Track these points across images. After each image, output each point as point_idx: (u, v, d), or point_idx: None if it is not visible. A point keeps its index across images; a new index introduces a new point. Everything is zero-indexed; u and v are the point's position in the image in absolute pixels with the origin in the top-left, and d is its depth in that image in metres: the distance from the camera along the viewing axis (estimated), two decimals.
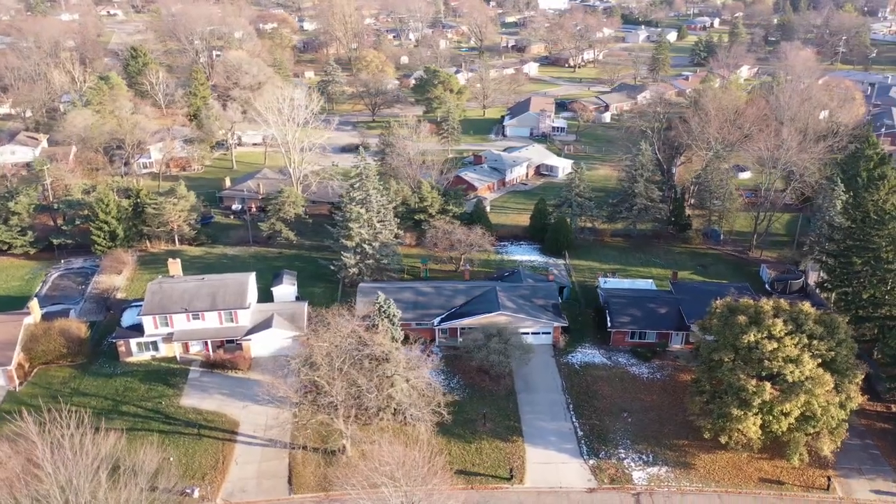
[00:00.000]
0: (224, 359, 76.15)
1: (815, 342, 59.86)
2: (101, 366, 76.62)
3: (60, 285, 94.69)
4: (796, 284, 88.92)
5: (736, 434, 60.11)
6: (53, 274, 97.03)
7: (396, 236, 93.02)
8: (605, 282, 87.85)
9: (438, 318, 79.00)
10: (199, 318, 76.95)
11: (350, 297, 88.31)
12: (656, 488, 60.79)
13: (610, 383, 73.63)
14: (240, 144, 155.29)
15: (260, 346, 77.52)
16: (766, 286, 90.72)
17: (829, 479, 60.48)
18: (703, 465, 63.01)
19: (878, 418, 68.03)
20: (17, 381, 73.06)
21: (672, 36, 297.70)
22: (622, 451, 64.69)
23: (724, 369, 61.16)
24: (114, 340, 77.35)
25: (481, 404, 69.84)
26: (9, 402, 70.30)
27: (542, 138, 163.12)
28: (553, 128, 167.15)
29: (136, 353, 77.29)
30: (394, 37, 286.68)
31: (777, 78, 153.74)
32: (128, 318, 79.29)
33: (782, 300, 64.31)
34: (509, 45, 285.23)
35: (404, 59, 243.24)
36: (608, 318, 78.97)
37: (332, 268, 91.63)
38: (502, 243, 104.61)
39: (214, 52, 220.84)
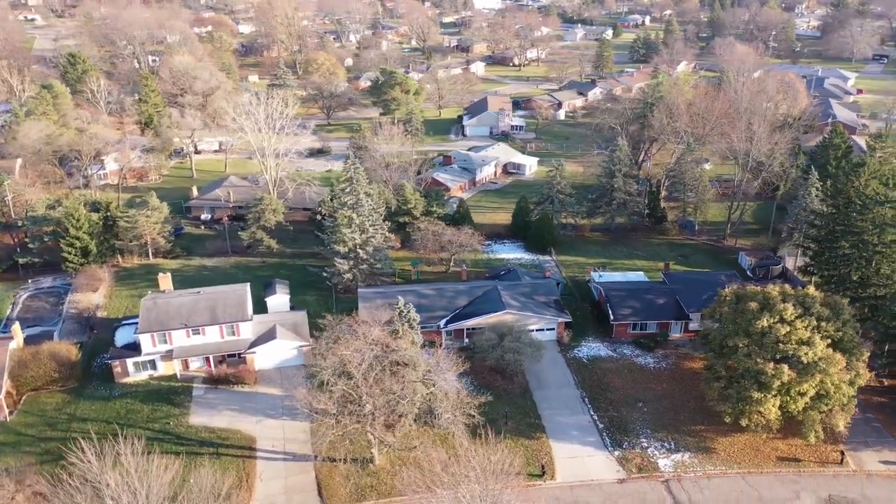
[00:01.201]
0: (228, 373, 73.75)
1: (822, 324, 62.74)
2: (95, 389, 72.97)
3: (32, 306, 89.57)
4: (776, 270, 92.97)
5: (756, 416, 62.36)
6: (22, 295, 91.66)
7: (387, 240, 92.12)
8: (600, 276, 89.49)
9: (444, 320, 78.79)
10: (199, 333, 74.28)
11: (344, 305, 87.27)
12: (683, 474, 62.47)
13: (619, 375, 75.16)
14: (197, 152, 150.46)
15: (264, 358, 75.49)
16: (748, 272, 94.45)
17: (842, 453, 63.58)
18: (723, 448, 65.14)
19: (875, 393, 71.88)
20: (6, 411, 68.77)
21: (608, 34, 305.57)
22: (644, 440, 66.17)
23: (740, 355, 63.36)
24: (109, 361, 73.70)
25: (499, 404, 69.95)
26: (3, 433, 66.16)
27: (502, 137, 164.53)
28: (512, 126, 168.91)
29: (132, 373, 73.95)
30: (334, 39, 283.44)
31: (726, 72, 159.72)
32: (122, 337, 75.78)
33: (787, 286, 67.08)
34: (451, 45, 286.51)
35: (349, 62, 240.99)
36: (610, 311, 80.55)
37: (324, 274, 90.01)
38: (486, 243, 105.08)
39: (150, 58, 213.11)
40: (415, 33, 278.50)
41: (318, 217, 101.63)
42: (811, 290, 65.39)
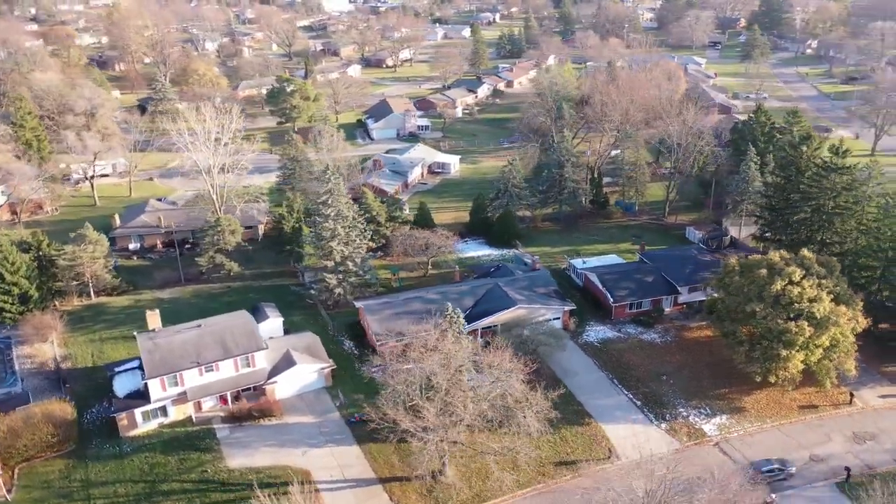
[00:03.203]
0: (251, 408, 68.59)
1: (823, 281, 69.86)
2: (99, 448, 65.03)
3: None
4: (726, 240, 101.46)
5: (782, 372, 68.20)
6: None
7: (370, 249, 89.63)
8: (584, 262, 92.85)
9: None
10: (212, 370, 68.36)
11: (339, 320, 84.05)
12: (728, 435, 67.01)
13: (634, 353, 78.77)
14: (86, 178, 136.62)
15: (285, 386, 70.95)
16: (700, 244, 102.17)
17: (850, 395, 71.21)
18: (751, 406, 70.59)
19: None
20: (4, 490, 59.48)
21: (466, 32, 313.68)
22: (682, 409, 70.08)
23: (759, 317, 68.93)
24: (113, 414, 65.75)
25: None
26: None
27: (410, 138, 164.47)
28: (419, 127, 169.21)
29: (141, 423, 66.60)
30: (190, 47, 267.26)
31: (612, 63, 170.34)
32: (122, 386, 67.82)
33: (782, 252, 73.82)
34: (318, 49, 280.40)
35: (215, 70, 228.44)
36: (609, 294, 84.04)
37: (312, 291, 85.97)
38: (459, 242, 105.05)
39: None
40: (280, 39, 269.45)
41: (289, 231, 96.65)
42: (806, 252, 72.46)
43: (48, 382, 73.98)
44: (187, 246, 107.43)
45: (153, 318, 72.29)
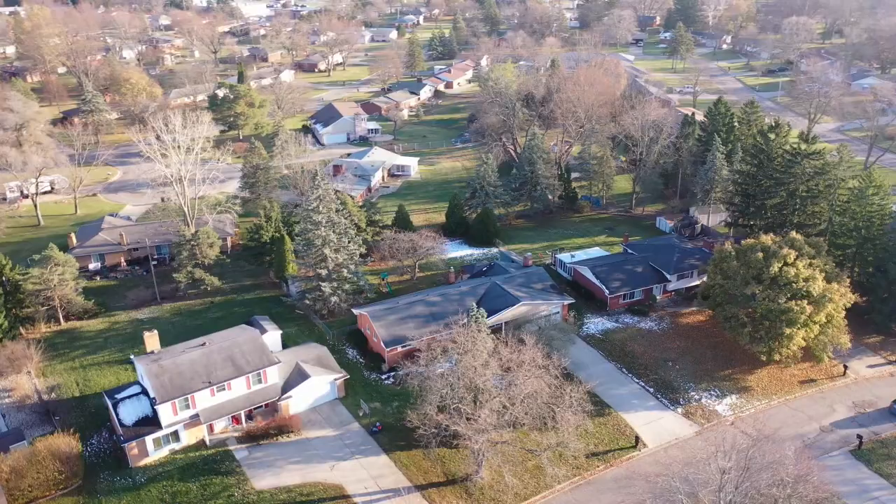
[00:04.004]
0: (268, 426, 65.94)
1: (814, 261, 73.54)
2: (109, 481, 60.95)
3: None
4: (698, 228, 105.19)
5: (785, 350, 71.28)
6: None
7: (363, 255, 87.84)
8: (573, 256, 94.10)
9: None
10: (224, 389, 65.25)
11: (337, 330, 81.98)
12: (741, 414, 69.45)
13: (635, 342, 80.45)
14: (24, 196, 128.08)
15: (300, 400, 68.55)
16: (672, 233, 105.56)
17: (844, 367, 75.20)
18: (756, 384, 73.45)
19: None
20: None
21: (393, 35, 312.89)
22: (693, 393, 72.14)
23: (759, 299, 71.84)
24: (124, 444, 61.68)
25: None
26: None
27: (361, 142, 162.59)
28: (369, 130, 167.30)
29: (152, 451, 62.82)
30: (110, 55, 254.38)
31: (556, 61, 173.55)
32: (128, 413, 63.55)
33: (772, 235, 77.19)
34: (244, 54, 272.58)
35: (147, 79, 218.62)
36: (604, 286, 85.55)
37: (306, 301, 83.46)
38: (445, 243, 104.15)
39: None
40: (205, 45, 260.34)
41: (267, 241, 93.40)
42: (794, 234, 76.05)
43: (36, 416, 68.68)
44: (154, 262, 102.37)
45: (152, 340, 68.29)
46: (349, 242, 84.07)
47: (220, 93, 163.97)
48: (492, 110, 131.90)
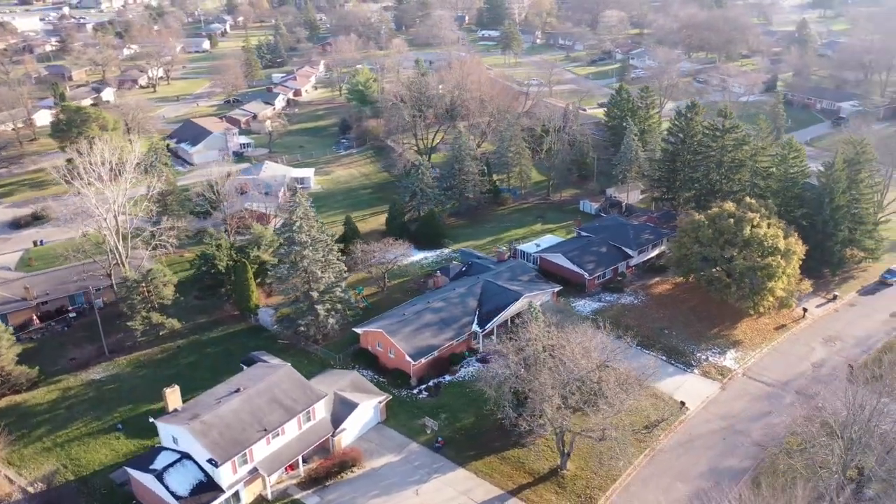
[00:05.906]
0: (330, 465, 60.84)
1: (770, 220, 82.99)
2: None
3: None
4: (623, 206, 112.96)
5: (767, 301, 79.64)
6: None
7: (343, 271, 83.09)
8: (538, 246, 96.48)
9: (476, 325, 77.39)
10: (278, 435, 59.06)
11: (340, 354, 77.20)
12: (746, 365, 76.51)
13: (626, 317, 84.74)
14: None
15: (349, 432, 63.91)
16: (599, 212, 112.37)
17: (804, 310, 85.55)
18: (742, 336, 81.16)
19: None
20: None
21: (206, 44, 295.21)
22: (699, 354, 78.03)
23: (739, 258, 79.56)
24: None
25: None
26: None
27: (237, 157, 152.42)
28: (241, 145, 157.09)
29: None
30: None
31: (419, 62, 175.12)
32: (179, 483, 55.00)
33: (729, 202, 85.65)
34: (41, 73, 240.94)
35: None
36: (581, 269, 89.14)
37: (300, 328, 77.37)
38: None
39: None
40: None
41: (223, 271, 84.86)
42: (748, 199, 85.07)
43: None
44: (72, 314, 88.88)
45: (173, 397, 59.82)
46: (336, 260, 79.35)
47: (62, 117, 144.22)
48: (398, 113, 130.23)
